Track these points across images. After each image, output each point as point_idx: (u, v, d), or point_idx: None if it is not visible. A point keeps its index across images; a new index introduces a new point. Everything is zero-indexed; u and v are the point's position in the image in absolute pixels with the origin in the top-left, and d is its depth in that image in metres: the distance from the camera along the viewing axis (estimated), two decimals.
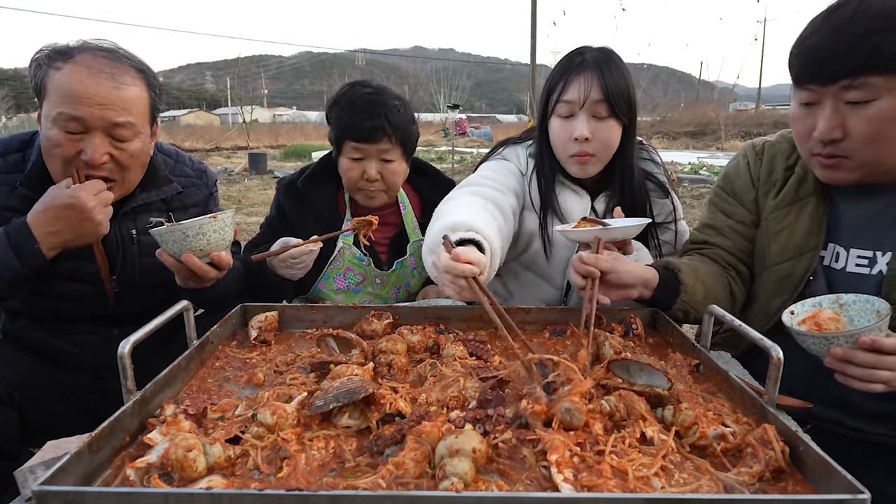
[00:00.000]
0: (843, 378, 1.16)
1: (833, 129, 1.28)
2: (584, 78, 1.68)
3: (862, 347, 1.11)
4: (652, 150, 1.98)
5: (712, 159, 16.48)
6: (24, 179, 1.53)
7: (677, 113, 32.06)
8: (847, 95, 1.24)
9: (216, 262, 1.46)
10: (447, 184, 2.20)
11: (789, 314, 1.25)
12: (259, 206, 9.24)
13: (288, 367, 1.27)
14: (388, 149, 1.91)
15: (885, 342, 1.10)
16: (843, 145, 1.29)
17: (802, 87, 1.31)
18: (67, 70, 1.44)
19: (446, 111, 30.72)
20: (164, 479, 0.84)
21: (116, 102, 1.46)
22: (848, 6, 1.23)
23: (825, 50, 1.25)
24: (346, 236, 2.03)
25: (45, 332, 1.66)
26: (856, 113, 1.25)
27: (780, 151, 1.59)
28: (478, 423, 0.95)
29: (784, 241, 1.51)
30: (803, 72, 1.30)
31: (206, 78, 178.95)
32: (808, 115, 1.33)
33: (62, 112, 1.42)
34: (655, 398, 1.05)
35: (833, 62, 1.24)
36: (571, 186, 1.85)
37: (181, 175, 1.80)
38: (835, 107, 1.27)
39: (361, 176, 1.93)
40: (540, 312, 1.53)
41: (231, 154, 21.26)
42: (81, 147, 1.45)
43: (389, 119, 1.87)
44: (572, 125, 1.71)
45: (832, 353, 1.14)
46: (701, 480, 0.86)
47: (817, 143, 1.32)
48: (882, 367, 1.11)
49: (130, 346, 1.00)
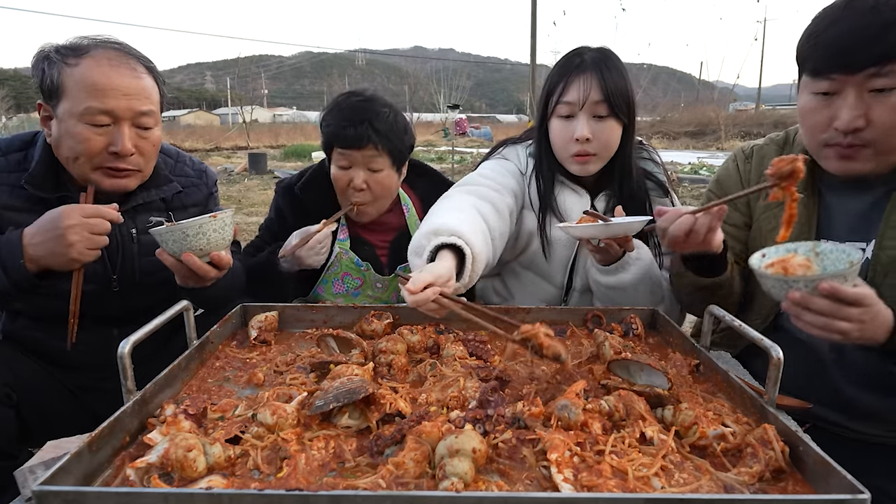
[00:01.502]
0: (799, 323, 1.13)
1: (857, 118, 1.27)
2: (584, 79, 1.69)
3: (821, 294, 1.06)
4: (652, 149, 1.99)
5: (712, 159, 16.47)
6: (28, 178, 1.53)
7: (677, 113, 32.06)
8: (873, 83, 1.24)
9: (216, 261, 1.46)
10: (446, 185, 2.19)
11: (760, 256, 1.21)
12: (259, 206, 9.24)
13: (288, 367, 1.27)
14: (375, 156, 1.87)
15: (845, 291, 1.06)
16: (863, 134, 1.28)
17: (824, 76, 1.30)
18: (86, 65, 1.45)
19: (446, 111, 30.73)
20: (164, 479, 0.84)
21: (140, 91, 1.50)
22: (865, 1, 1.24)
23: (850, 39, 1.24)
24: (341, 241, 2.03)
25: (45, 332, 1.66)
26: (881, 101, 1.25)
27: (768, 154, 1.60)
28: (478, 423, 0.95)
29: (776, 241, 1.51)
30: (826, 62, 1.29)
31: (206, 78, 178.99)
32: (824, 106, 1.32)
33: (91, 106, 1.43)
34: (655, 398, 1.05)
35: (859, 50, 1.24)
36: (571, 186, 1.86)
37: (181, 175, 1.80)
38: (859, 95, 1.27)
39: (348, 184, 1.91)
40: (540, 312, 1.53)
41: (231, 154, 21.27)
42: (108, 140, 1.47)
43: (374, 126, 1.83)
44: (573, 126, 1.72)
45: (789, 297, 1.09)
46: (701, 480, 0.86)
47: (837, 134, 1.31)
48: (840, 318, 1.08)
49: (130, 346, 1.00)
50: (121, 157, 1.49)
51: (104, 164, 1.49)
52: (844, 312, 1.07)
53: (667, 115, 31.10)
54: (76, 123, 1.45)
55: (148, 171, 1.61)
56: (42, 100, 1.52)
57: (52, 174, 1.54)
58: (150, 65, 1.58)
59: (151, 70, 1.57)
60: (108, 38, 1.55)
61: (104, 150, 1.48)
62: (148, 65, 1.57)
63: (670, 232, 1.36)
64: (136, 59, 1.54)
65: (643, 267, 1.68)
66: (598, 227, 1.52)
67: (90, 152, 1.47)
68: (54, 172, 1.55)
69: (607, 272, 1.69)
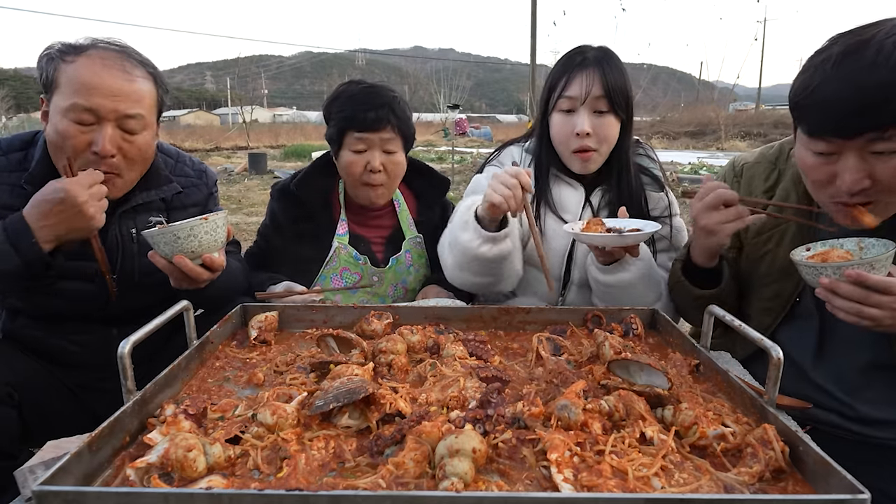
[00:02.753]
0: (832, 309, 1.18)
1: (861, 180, 1.19)
2: (587, 74, 1.74)
3: (847, 280, 1.12)
4: (648, 147, 2.03)
5: (712, 159, 16.48)
6: (28, 177, 1.53)
7: (677, 113, 32.08)
8: (874, 147, 1.16)
9: (208, 264, 1.46)
10: (442, 181, 2.23)
11: (804, 249, 1.29)
12: (259, 206, 9.24)
13: (288, 367, 1.27)
14: (391, 138, 1.93)
15: (871, 277, 1.10)
16: (869, 192, 1.22)
17: (819, 139, 1.22)
18: (80, 63, 1.46)
19: (446, 111, 30.72)
20: (164, 479, 0.84)
21: (129, 94, 1.49)
22: (862, 54, 1.13)
23: (845, 104, 1.14)
24: (340, 236, 2.03)
25: (46, 331, 1.66)
26: (884, 161, 1.17)
27: (758, 174, 1.59)
28: (478, 423, 0.95)
29: (768, 265, 1.53)
30: (820, 126, 1.21)
31: (206, 78, 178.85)
32: (824, 164, 1.24)
33: (75, 103, 1.44)
34: (655, 398, 1.05)
35: (857, 117, 1.14)
36: (566, 179, 1.90)
37: (181, 175, 1.80)
38: (860, 157, 1.19)
39: (365, 168, 1.93)
40: (540, 312, 1.53)
41: (231, 154, 21.28)
42: (91, 139, 1.47)
43: (393, 109, 1.91)
44: (573, 120, 1.77)
45: (820, 282, 1.16)
46: (701, 480, 0.86)
47: (843, 194, 1.23)
48: (870, 304, 1.11)
49: (130, 346, 1.00)
50: (101, 159, 1.48)
51: (87, 165, 1.48)
52: (874, 299, 1.11)
53: (667, 115, 31.12)
54: (62, 119, 1.45)
55: (130, 177, 1.59)
56: (43, 95, 1.53)
57: (53, 174, 1.54)
58: (152, 70, 1.58)
59: (152, 74, 1.57)
60: (114, 40, 1.55)
61: (86, 149, 1.47)
62: (149, 69, 1.56)
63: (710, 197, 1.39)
64: (136, 62, 1.53)
65: (643, 266, 1.70)
66: (611, 237, 1.55)
67: (73, 150, 1.46)
68: (54, 172, 1.55)
69: (607, 271, 1.70)
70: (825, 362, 1.46)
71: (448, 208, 2.24)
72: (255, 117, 48.12)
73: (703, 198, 1.42)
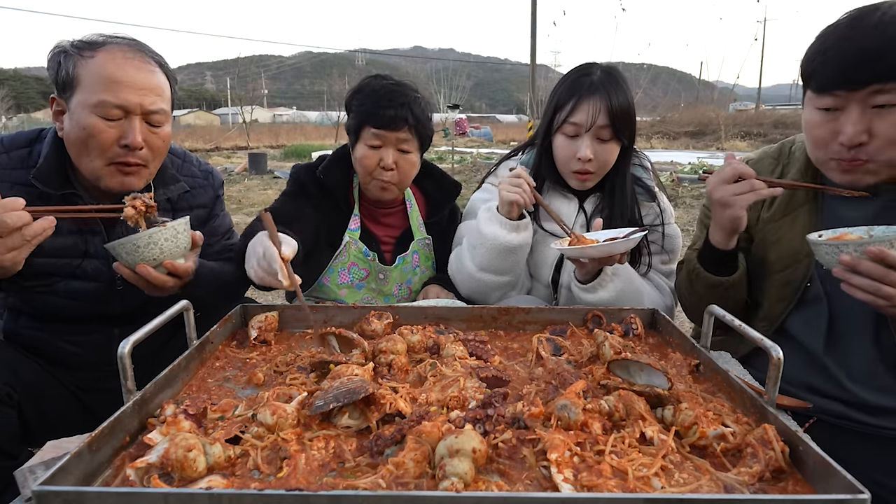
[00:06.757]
0: (848, 288, 1.20)
1: (860, 134, 1.29)
2: (593, 103, 1.78)
3: (869, 257, 1.14)
4: (643, 155, 2.06)
5: (712, 159, 16.47)
6: (35, 173, 1.53)
7: (677, 113, 32.06)
8: (875, 100, 1.27)
9: (172, 270, 1.45)
10: (453, 185, 2.24)
11: (816, 235, 1.31)
12: (259, 206, 9.23)
13: (288, 367, 1.27)
14: (407, 139, 1.93)
15: (892, 254, 1.13)
16: (866, 148, 1.31)
17: (827, 93, 1.32)
18: (102, 58, 1.46)
19: (446, 111, 30.69)
20: (164, 479, 0.84)
21: (154, 88, 1.52)
22: (872, 15, 1.26)
23: (854, 57, 1.27)
24: (352, 231, 2.03)
25: (46, 331, 1.66)
26: (883, 116, 1.27)
27: (762, 169, 1.62)
28: (478, 423, 0.95)
29: (781, 251, 1.55)
30: (830, 79, 1.31)
31: (206, 78, 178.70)
32: (828, 121, 1.34)
33: (104, 99, 1.45)
34: (655, 398, 1.05)
35: (863, 68, 1.26)
36: (560, 191, 1.96)
37: (188, 175, 1.80)
38: (861, 111, 1.29)
39: (377, 164, 1.93)
40: (540, 312, 1.53)
41: (231, 154, 21.28)
42: (119, 133, 1.48)
43: (412, 109, 1.90)
44: (576, 145, 1.82)
45: (840, 260, 1.18)
46: (701, 480, 0.86)
47: (841, 149, 1.33)
48: (888, 282, 1.14)
49: (130, 346, 1.00)
50: (131, 151, 1.50)
51: (115, 158, 1.50)
52: (892, 277, 1.14)
53: (667, 115, 31.12)
54: (89, 115, 1.46)
55: (154, 168, 1.62)
56: (56, 94, 1.53)
57: (61, 171, 1.55)
58: (163, 62, 1.60)
59: (164, 67, 1.59)
60: (124, 35, 1.56)
61: (115, 143, 1.49)
62: (160, 62, 1.58)
63: (726, 170, 1.43)
64: (150, 56, 1.55)
65: (620, 283, 1.74)
66: (597, 247, 1.56)
67: (102, 145, 1.47)
68: (62, 169, 1.56)
69: (586, 290, 1.75)
70: (835, 347, 1.47)
71: (457, 212, 2.26)
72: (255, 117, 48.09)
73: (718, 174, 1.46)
